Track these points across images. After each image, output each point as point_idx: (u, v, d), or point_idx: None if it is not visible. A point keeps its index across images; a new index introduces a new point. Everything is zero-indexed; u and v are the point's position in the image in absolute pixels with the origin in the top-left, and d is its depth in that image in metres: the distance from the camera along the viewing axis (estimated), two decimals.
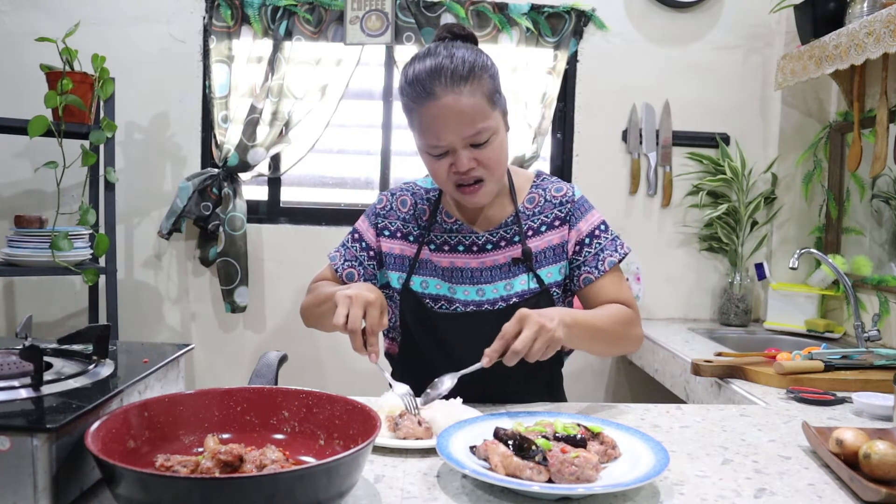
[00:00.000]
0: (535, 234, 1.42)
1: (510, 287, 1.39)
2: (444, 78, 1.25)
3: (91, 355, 1.05)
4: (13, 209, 2.54)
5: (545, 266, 1.41)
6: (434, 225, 1.44)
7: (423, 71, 1.27)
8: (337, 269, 1.46)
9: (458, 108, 1.24)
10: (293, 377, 2.64)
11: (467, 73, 1.26)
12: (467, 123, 1.25)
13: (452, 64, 1.26)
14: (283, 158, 2.75)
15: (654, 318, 2.84)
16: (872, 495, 0.92)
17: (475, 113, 1.26)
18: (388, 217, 1.46)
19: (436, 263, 1.42)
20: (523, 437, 0.96)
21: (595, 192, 2.79)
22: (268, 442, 0.95)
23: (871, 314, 2.33)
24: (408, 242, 1.44)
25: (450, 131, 1.26)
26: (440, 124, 1.26)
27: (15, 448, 0.76)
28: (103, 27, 2.60)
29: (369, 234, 1.46)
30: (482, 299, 1.40)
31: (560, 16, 2.73)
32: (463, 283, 1.41)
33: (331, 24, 2.65)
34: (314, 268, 2.66)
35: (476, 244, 1.42)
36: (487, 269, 1.41)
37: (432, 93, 1.25)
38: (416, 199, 1.47)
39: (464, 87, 1.25)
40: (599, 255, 1.40)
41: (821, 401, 1.47)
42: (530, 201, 1.44)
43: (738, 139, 2.85)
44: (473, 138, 1.27)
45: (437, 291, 1.41)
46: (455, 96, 1.24)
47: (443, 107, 1.25)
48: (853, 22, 2.15)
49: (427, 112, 1.26)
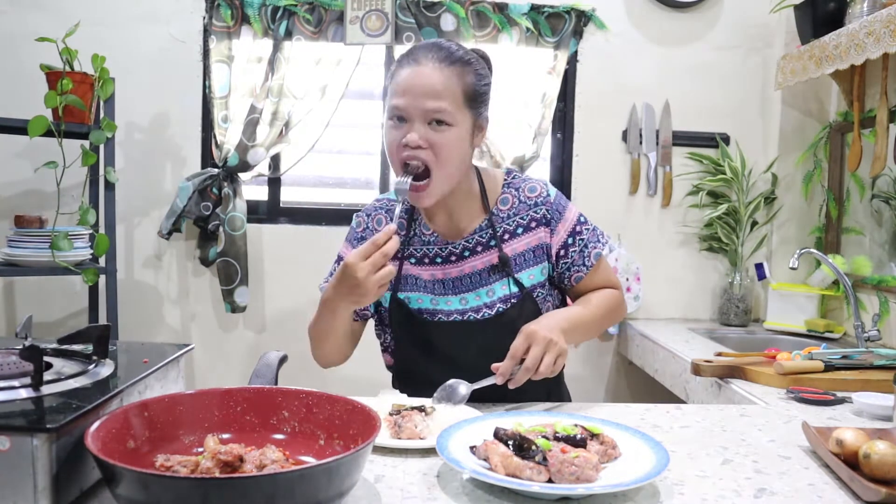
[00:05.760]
0: (511, 236, 1.40)
1: (492, 293, 1.39)
2: (433, 52, 1.29)
3: (91, 355, 1.05)
4: (13, 209, 2.54)
5: (525, 269, 1.40)
6: (413, 238, 1.44)
7: (421, 45, 1.33)
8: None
9: (432, 80, 1.26)
10: (293, 377, 2.63)
11: (456, 59, 1.30)
12: (432, 96, 1.26)
13: (448, 46, 1.32)
14: (283, 158, 2.75)
15: (654, 318, 2.84)
16: (872, 495, 0.92)
17: (445, 92, 1.27)
18: (366, 238, 1.42)
19: (417, 277, 1.42)
20: (523, 437, 0.96)
21: (595, 192, 2.81)
22: (268, 442, 0.95)
23: (871, 314, 2.33)
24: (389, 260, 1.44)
25: (413, 96, 1.26)
26: (409, 86, 1.27)
27: (15, 448, 0.76)
28: (103, 27, 2.60)
29: None
30: (466, 307, 1.40)
31: (560, 16, 2.73)
32: (446, 294, 1.40)
33: (331, 24, 2.65)
34: (314, 268, 2.69)
35: (454, 253, 1.41)
36: (467, 276, 1.40)
37: (416, 59, 1.29)
38: (390, 217, 1.45)
39: (446, 68, 1.28)
40: (584, 251, 1.41)
41: (821, 401, 1.47)
42: (504, 202, 1.42)
43: (738, 139, 2.85)
44: (432, 114, 1.26)
45: (419, 306, 1.41)
46: (434, 69, 1.27)
47: (419, 73, 1.27)
48: (853, 22, 2.15)
49: (403, 74, 1.29)
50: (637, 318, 2.80)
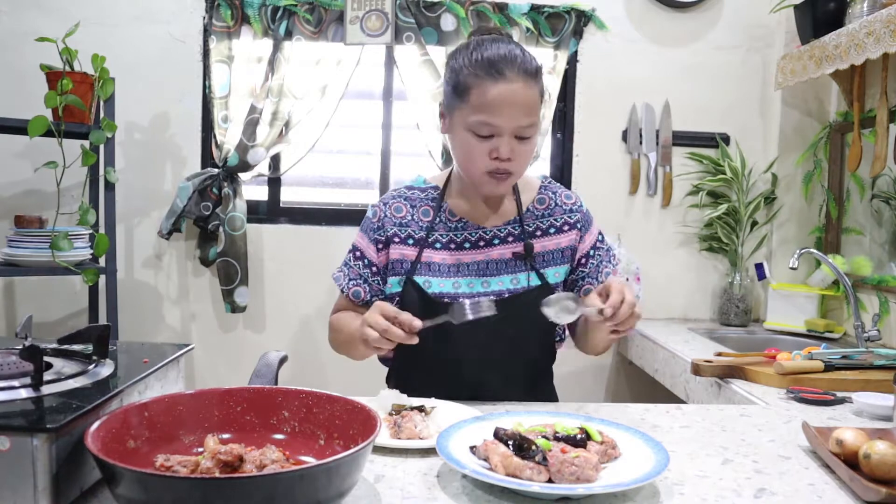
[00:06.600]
0: (543, 234, 1.46)
1: (516, 281, 1.43)
2: (516, 65, 1.29)
3: (91, 355, 1.05)
4: (13, 209, 2.54)
5: (552, 266, 1.45)
6: (438, 225, 1.45)
7: (496, 53, 1.31)
8: (342, 289, 1.47)
9: (523, 96, 1.29)
10: (293, 377, 2.65)
11: (535, 69, 1.32)
12: (525, 113, 1.30)
13: (524, 56, 1.32)
14: (283, 158, 2.75)
15: (654, 318, 2.84)
16: (872, 495, 0.92)
17: (533, 106, 1.31)
18: (384, 228, 1.45)
19: (440, 263, 1.43)
20: (523, 437, 0.96)
21: (595, 192, 2.81)
22: (268, 442, 0.95)
23: (871, 314, 2.33)
24: (407, 246, 1.44)
25: (508, 115, 1.28)
26: (503, 105, 1.28)
27: (15, 448, 0.76)
28: (103, 27, 2.60)
29: (370, 250, 1.46)
30: (487, 290, 1.42)
31: (560, 16, 2.73)
32: (469, 276, 1.43)
33: (331, 24, 2.65)
34: (314, 268, 2.69)
35: (483, 239, 1.44)
36: (493, 261, 1.43)
37: (503, 73, 1.28)
38: (412, 203, 1.47)
39: (531, 81, 1.30)
40: (598, 268, 1.49)
41: (821, 401, 1.48)
42: (540, 202, 1.49)
43: (738, 139, 2.85)
44: (523, 130, 1.31)
45: (439, 290, 1.41)
46: (524, 85, 1.29)
47: (511, 90, 1.28)
48: (853, 22, 2.15)
49: (492, 90, 1.28)
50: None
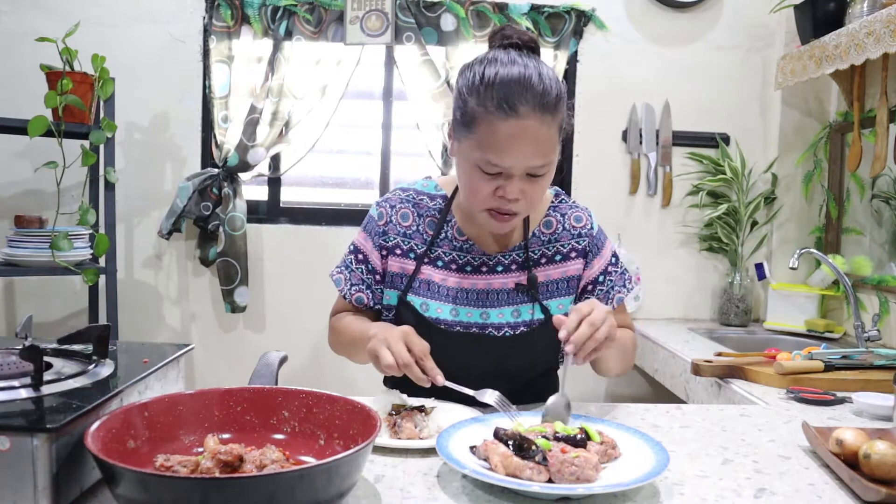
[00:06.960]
0: (548, 262, 1.36)
1: (517, 314, 1.34)
2: (531, 98, 1.15)
3: (91, 355, 1.05)
4: (13, 209, 2.54)
5: (557, 297, 1.36)
6: (443, 241, 1.36)
7: (508, 79, 1.15)
8: (344, 294, 1.38)
9: (536, 136, 1.15)
10: (293, 377, 2.65)
11: (554, 100, 1.17)
12: (538, 154, 1.17)
13: (542, 84, 1.16)
14: (283, 158, 2.75)
15: (654, 318, 2.84)
16: (872, 495, 0.92)
17: (549, 146, 1.18)
18: (387, 234, 1.36)
19: (440, 284, 1.34)
20: (523, 437, 0.96)
21: (595, 192, 2.81)
22: (268, 442, 0.95)
23: (871, 314, 2.33)
24: (409, 259, 1.36)
25: (519, 156, 1.16)
26: (512, 145, 1.15)
27: (15, 448, 0.76)
28: (103, 27, 2.60)
29: (374, 256, 1.37)
30: (486, 322, 1.34)
31: (560, 16, 2.73)
32: (468, 305, 1.34)
33: (331, 24, 2.65)
34: (314, 268, 2.69)
35: (486, 265, 1.35)
36: (494, 291, 1.34)
37: (516, 109, 1.14)
38: (419, 212, 1.37)
39: (548, 116, 1.16)
40: (609, 293, 1.38)
41: (821, 401, 1.47)
42: (547, 226, 1.38)
43: (738, 139, 2.85)
44: (535, 170, 1.18)
45: (437, 315, 1.33)
46: (538, 122, 1.15)
47: (523, 129, 1.14)
48: (853, 22, 2.15)
49: (502, 127, 1.15)
50: (637, 318, 2.80)
